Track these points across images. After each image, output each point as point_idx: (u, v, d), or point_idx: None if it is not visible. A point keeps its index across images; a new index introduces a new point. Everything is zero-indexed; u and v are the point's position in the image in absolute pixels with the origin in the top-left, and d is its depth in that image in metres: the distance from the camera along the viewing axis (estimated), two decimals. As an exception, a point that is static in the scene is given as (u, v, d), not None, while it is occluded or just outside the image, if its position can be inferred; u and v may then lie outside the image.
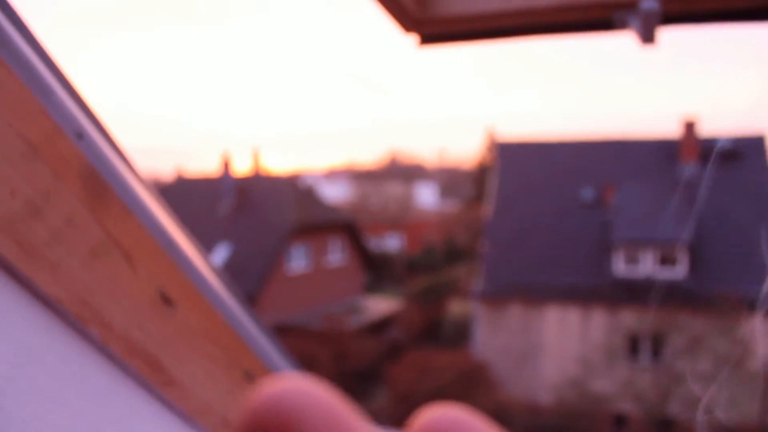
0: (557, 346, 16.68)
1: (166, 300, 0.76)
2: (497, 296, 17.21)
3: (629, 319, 16.12)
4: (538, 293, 16.90)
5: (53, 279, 0.63)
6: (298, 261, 22.61)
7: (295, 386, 0.19)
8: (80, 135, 0.65)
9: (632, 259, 16.78)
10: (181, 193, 26.04)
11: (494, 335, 17.18)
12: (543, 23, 1.28)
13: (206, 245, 21.98)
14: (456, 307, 22.74)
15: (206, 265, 0.85)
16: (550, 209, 18.63)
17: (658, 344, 15.99)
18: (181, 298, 0.78)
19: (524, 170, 19.94)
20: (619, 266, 16.78)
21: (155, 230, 0.74)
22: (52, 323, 0.65)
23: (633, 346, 16.23)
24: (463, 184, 51.59)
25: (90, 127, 0.67)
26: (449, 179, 63.85)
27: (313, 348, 17.00)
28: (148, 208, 0.73)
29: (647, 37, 1.12)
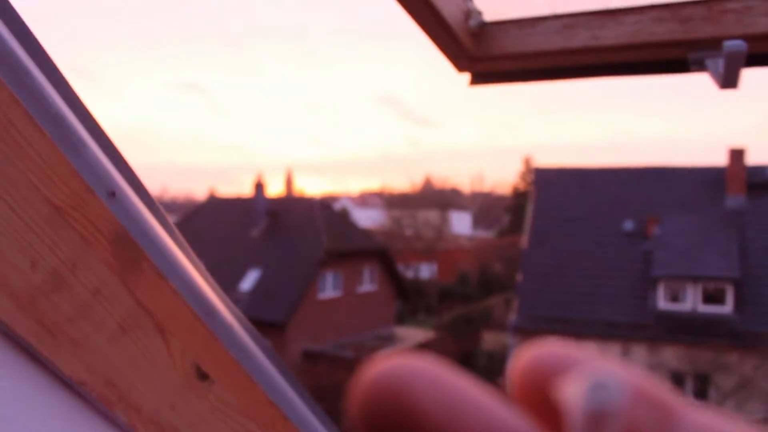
0: (595, 382, 16.17)
1: (202, 375, 0.68)
2: (533, 330, 16.82)
3: (672, 357, 15.57)
4: (576, 328, 16.46)
5: (76, 359, 0.56)
6: (329, 288, 22.53)
7: (413, 364, 0.18)
8: (112, 194, 0.58)
9: (675, 295, 16.26)
10: (214, 213, 26.34)
11: (530, 369, 16.75)
12: (609, 62, 1.19)
13: (237, 268, 22.10)
14: (490, 339, 22.32)
15: (246, 331, 0.77)
16: (589, 240, 18.23)
17: (703, 384, 15.39)
18: (218, 371, 0.70)
19: (562, 198, 19.59)
20: (662, 302, 16.27)
21: (192, 297, 0.66)
22: (73, 408, 0.57)
23: (676, 385, 15.65)
24: (499, 210, 51.19)
25: (123, 184, 0.61)
26: (484, 205, 63.45)
27: (342, 377, 16.83)
28: (184, 272, 0.66)
29: (729, 80, 1.02)
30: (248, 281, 21.63)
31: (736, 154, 17.93)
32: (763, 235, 16.45)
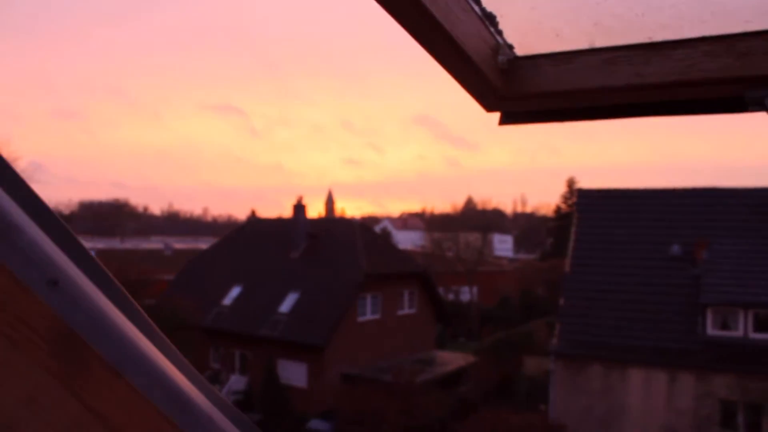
0: (641, 411, 15.61)
1: (170, 482, 0.58)
2: (576, 355, 16.37)
3: (722, 386, 14.92)
4: (620, 354, 15.95)
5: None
6: (368, 310, 22.39)
7: None
8: (53, 282, 0.49)
9: (725, 322, 15.63)
10: (254, 235, 26.57)
11: (573, 397, 16.28)
12: (655, 101, 1.06)
13: (276, 290, 22.20)
14: (531, 364, 21.82)
15: (233, 421, 0.67)
16: (634, 264, 17.72)
17: (756, 415, 14.69)
18: None
19: (606, 221, 19.14)
20: (711, 328, 15.64)
21: (158, 391, 0.57)
22: None
23: (727, 415, 14.97)
24: (541, 232, 50.42)
25: (70, 268, 0.52)
26: (527, 227, 62.64)
27: (380, 401, 16.60)
28: (148, 364, 0.56)
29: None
30: (287, 303, 21.66)
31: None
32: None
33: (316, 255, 23.29)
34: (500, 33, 1.06)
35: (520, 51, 1.10)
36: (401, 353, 22.63)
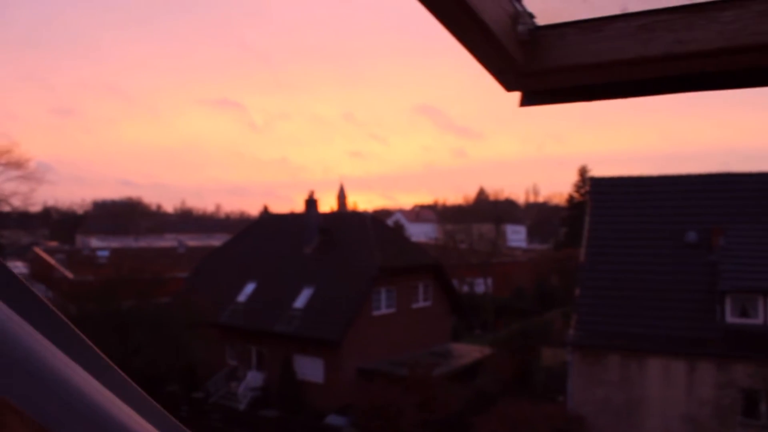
0: (661, 401, 15.41)
1: None
2: (593, 346, 16.17)
3: (743, 373, 14.68)
4: (638, 343, 15.74)
5: None
6: (383, 304, 22.29)
7: None
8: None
9: (745, 309, 15.36)
10: (267, 230, 26.54)
11: (591, 387, 16.10)
12: (699, 72, 0.93)
13: (291, 286, 22.15)
14: (548, 355, 21.64)
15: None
16: (649, 252, 17.47)
17: (778, 403, 14.44)
18: None
19: (620, 209, 18.89)
20: (730, 316, 15.39)
21: (33, 402, 0.47)
22: None
23: (749, 403, 14.73)
24: (555, 222, 50.09)
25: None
26: (539, 217, 62.27)
27: (397, 396, 16.52)
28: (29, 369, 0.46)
29: None
30: (302, 299, 21.62)
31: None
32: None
33: (329, 249, 23.22)
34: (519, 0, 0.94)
35: (542, 20, 0.98)
36: (417, 346, 22.52)
